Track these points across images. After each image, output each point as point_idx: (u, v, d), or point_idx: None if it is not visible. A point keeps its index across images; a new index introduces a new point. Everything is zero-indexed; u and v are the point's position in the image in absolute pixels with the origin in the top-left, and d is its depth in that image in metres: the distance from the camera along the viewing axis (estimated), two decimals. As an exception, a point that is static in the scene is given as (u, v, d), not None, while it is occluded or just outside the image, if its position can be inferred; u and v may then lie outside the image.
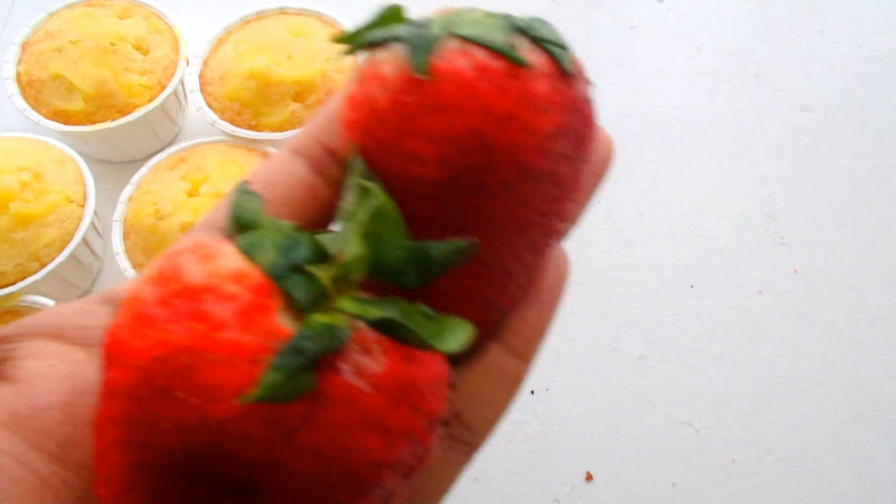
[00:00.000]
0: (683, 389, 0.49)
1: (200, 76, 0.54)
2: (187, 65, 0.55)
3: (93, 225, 0.49)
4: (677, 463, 0.47)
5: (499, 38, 0.18)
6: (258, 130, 0.51)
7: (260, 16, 0.56)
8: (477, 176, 0.18)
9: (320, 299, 0.16)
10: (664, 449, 0.47)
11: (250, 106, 0.52)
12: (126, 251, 0.47)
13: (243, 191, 0.18)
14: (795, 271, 0.54)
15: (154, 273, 0.15)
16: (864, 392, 0.49)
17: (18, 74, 0.53)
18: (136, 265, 0.47)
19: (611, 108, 0.60)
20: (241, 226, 0.17)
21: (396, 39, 0.19)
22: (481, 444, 0.23)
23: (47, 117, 0.51)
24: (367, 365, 0.15)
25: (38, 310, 0.45)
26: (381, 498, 0.16)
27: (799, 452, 0.47)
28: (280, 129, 0.52)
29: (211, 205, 0.46)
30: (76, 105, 0.51)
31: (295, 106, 0.52)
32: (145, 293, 0.15)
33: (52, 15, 0.55)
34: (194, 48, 0.55)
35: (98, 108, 0.52)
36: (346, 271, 0.16)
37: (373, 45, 0.19)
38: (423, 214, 0.19)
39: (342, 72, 0.53)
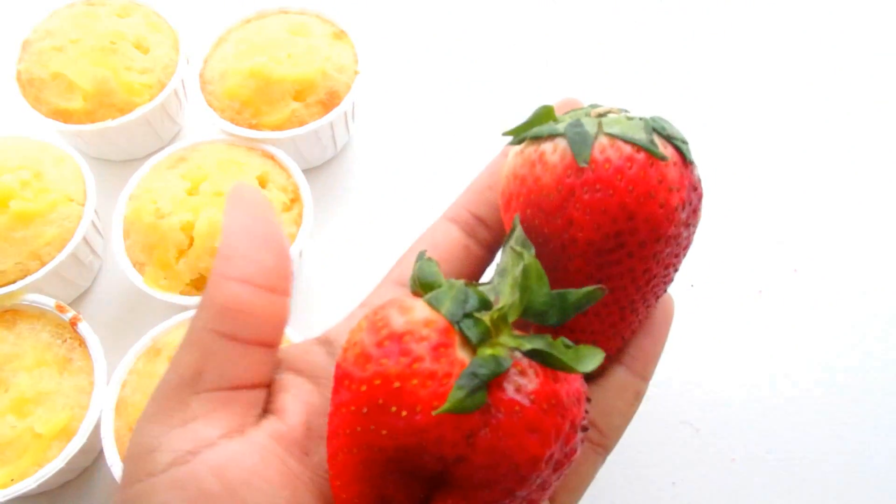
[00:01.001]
0: (683, 389, 0.49)
1: (200, 75, 0.54)
2: (187, 63, 0.55)
3: (93, 224, 0.49)
4: (677, 463, 0.47)
5: (642, 136, 0.24)
6: (258, 129, 0.51)
7: (260, 15, 0.56)
8: (620, 238, 0.24)
9: (487, 336, 0.21)
10: (664, 449, 0.47)
11: (250, 105, 0.52)
12: (126, 250, 0.47)
13: (424, 259, 0.24)
14: (795, 271, 0.54)
15: (368, 323, 0.22)
16: (864, 392, 0.49)
17: (18, 73, 0.52)
18: (137, 264, 0.47)
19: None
20: (424, 285, 0.23)
21: (558, 135, 0.25)
22: (612, 446, 0.29)
23: (47, 116, 0.51)
24: (524, 384, 0.21)
25: (39, 308, 0.45)
26: (537, 485, 0.21)
27: (799, 452, 0.47)
28: (280, 127, 0.51)
29: (211, 203, 0.46)
30: (76, 104, 0.51)
31: (295, 105, 0.52)
32: (364, 338, 0.22)
33: (52, 13, 0.55)
34: (194, 47, 0.55)
35: (98, 107, 0.52)
36: (504, 314, 0.22)
37: (536, 139, 0.26)
38: (574, 266, 0.25)
39: (342, 71, 0.53)
